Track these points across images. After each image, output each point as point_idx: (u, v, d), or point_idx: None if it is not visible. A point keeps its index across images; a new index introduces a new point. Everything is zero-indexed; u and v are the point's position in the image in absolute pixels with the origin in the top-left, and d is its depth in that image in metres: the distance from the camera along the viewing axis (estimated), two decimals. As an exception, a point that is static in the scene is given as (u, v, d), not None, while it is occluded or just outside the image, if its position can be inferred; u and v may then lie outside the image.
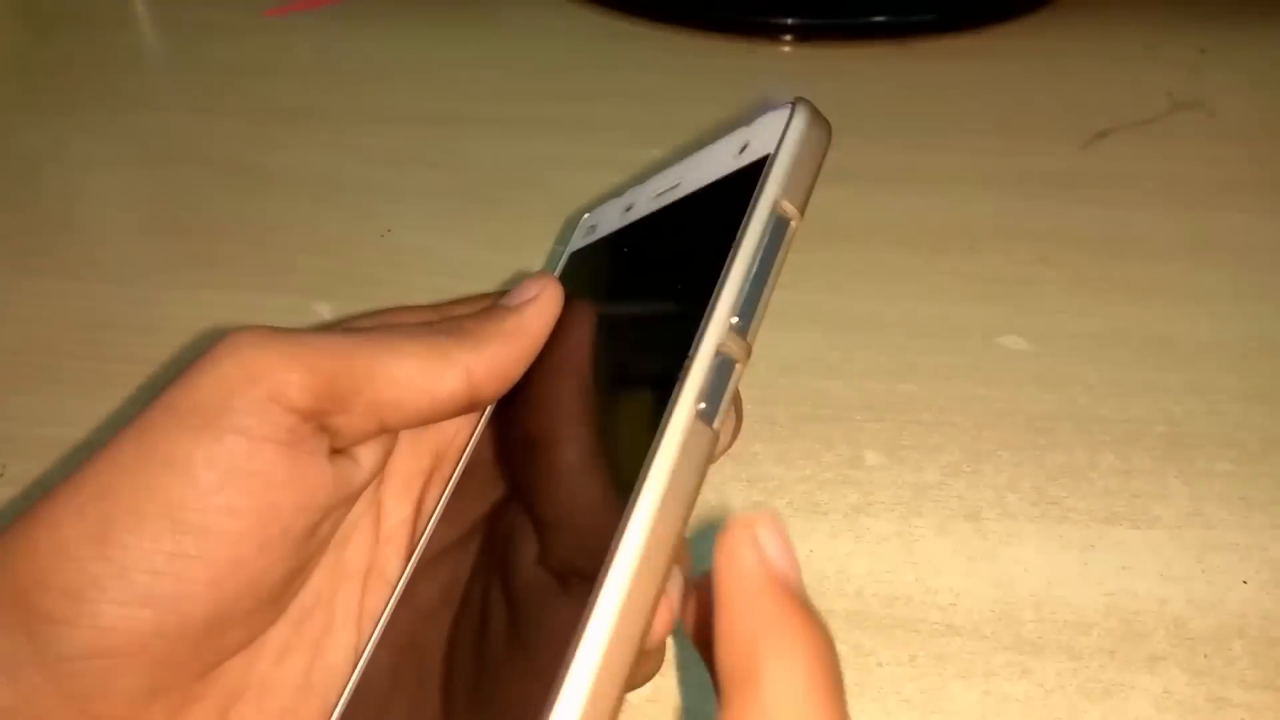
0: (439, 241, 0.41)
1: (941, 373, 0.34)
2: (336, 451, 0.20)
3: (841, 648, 0.26)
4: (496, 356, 0.21)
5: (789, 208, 0.19)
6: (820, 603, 0.27)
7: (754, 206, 0.19)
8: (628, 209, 0.24)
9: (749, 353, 0.18)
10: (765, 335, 0.19)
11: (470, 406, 0.21)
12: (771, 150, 0.19)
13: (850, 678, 0.25)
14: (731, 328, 0.17)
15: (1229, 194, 0.44)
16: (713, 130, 0.49)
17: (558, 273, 0.25)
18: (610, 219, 0.25)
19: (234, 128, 0.49)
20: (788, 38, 0.59)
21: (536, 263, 0.40)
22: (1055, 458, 0.31)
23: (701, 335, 0.17)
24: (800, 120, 0.19)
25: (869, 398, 0.33)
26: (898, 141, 0.48)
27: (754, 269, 0.18)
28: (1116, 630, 0.26)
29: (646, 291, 0.21)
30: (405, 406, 0.20)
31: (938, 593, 0.27)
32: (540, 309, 0.22)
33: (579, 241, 0.26)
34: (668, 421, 0.16)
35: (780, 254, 0.18)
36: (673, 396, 0.17)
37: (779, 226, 0.19)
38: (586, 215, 0.27)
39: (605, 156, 0.46)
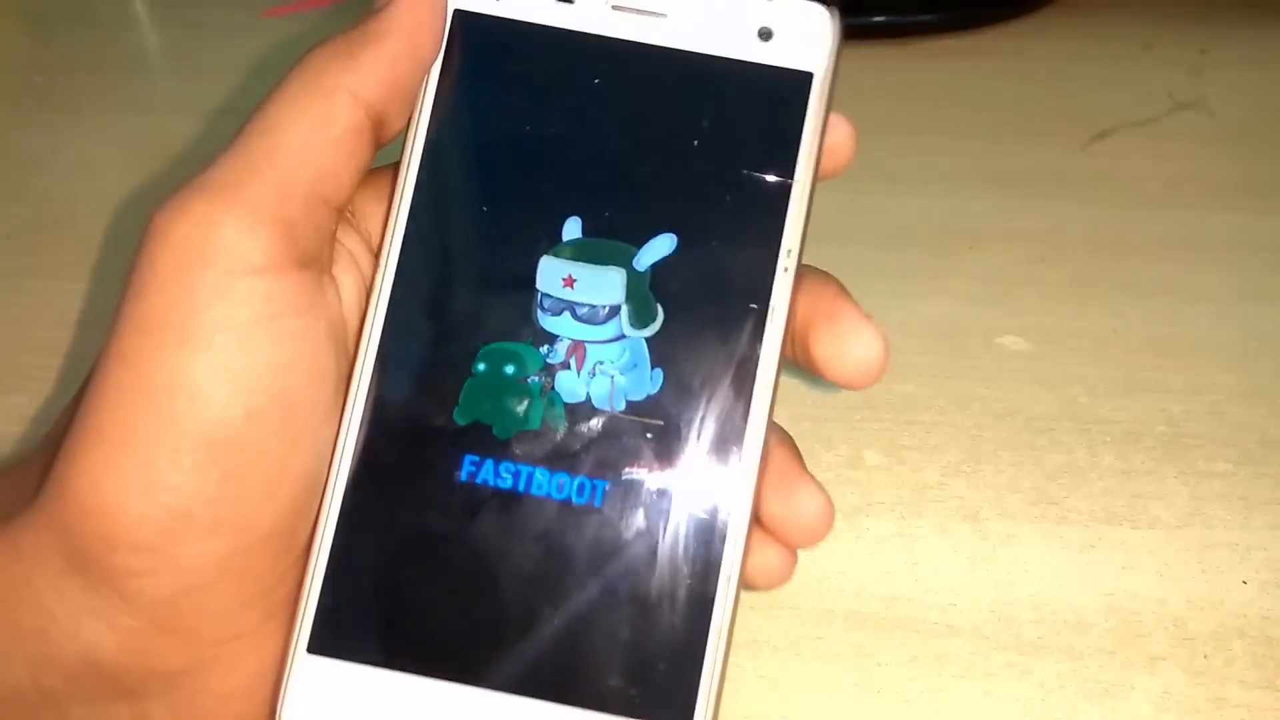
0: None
1: (941, 373, 0.34)
2: (317, 285, 0.19)
3: (841, 648, 0.26)
4: (376, 65, 0.19)
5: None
6: (820, 603, 0.27)
7: (809, 159, 0.19)
8: None
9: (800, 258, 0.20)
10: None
11: (382, 131, 0.19)
12: (819, 73, 0.19)
13: (850, 678, 0.25)
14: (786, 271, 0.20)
15: (1229, 194, 0.44)
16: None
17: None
18: None
19: (234, 128, 0.49)
20: (787, 38, 0.59)
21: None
22: (1055, 458, 0.31)
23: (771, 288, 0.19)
24: (838, 36, 0.19)
25: (869, 398, 0.33)
26: (898, 141, 0.48)
27: (806, 213, 0.20)
28: (1116, 630, 0.26)
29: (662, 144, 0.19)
30: (327, 173, 0.18)
31: (938, 593, 0.27)
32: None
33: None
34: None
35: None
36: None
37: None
38: None
39: (605, 156, 0.46)
